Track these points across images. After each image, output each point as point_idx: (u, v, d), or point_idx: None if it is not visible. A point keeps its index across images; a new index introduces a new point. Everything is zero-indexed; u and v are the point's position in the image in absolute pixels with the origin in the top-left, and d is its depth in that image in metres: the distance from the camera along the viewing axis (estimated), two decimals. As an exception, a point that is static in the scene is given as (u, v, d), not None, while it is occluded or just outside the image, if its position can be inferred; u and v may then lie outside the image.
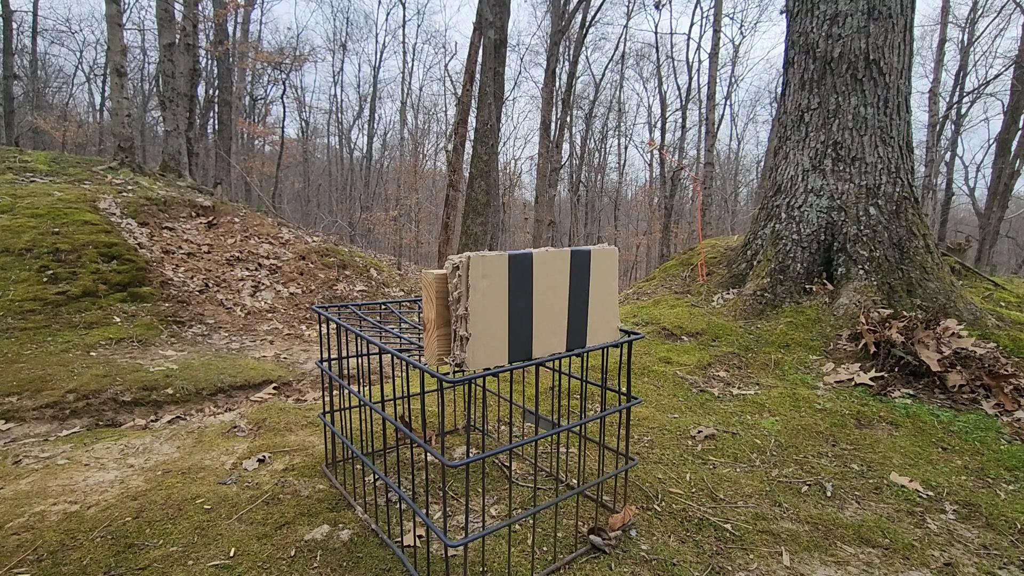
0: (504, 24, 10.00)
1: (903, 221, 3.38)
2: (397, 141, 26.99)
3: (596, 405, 2.37)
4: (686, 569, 1.36)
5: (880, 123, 3.44)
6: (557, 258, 1.26)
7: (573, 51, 18.19)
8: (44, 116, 18.62)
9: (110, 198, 5.72)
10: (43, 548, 1.39)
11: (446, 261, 1.14)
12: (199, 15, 10.78)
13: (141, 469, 1.87)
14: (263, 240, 6.66)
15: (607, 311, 1.37)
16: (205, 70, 16.67)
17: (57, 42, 23.32)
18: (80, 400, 2.92)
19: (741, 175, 30.99)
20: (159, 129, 15.08)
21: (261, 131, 21.60)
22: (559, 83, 17.45)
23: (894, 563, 1.42)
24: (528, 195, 30.35)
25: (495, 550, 1.41)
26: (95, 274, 4.45)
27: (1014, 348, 2.83)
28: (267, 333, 4.91)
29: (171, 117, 8.31)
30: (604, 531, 1.47)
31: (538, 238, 15.25)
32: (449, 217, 10.22)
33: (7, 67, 13.80)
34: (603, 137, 28.60)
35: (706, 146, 16.42)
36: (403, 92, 23.04)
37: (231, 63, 15.68)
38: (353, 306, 1.74)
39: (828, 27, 3.52)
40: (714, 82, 15.36)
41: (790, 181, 3.71)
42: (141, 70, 22.27)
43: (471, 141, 10.04)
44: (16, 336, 3.62)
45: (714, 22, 14.93)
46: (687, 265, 4.83)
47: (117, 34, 7.39)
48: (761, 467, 1.92)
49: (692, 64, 22.73)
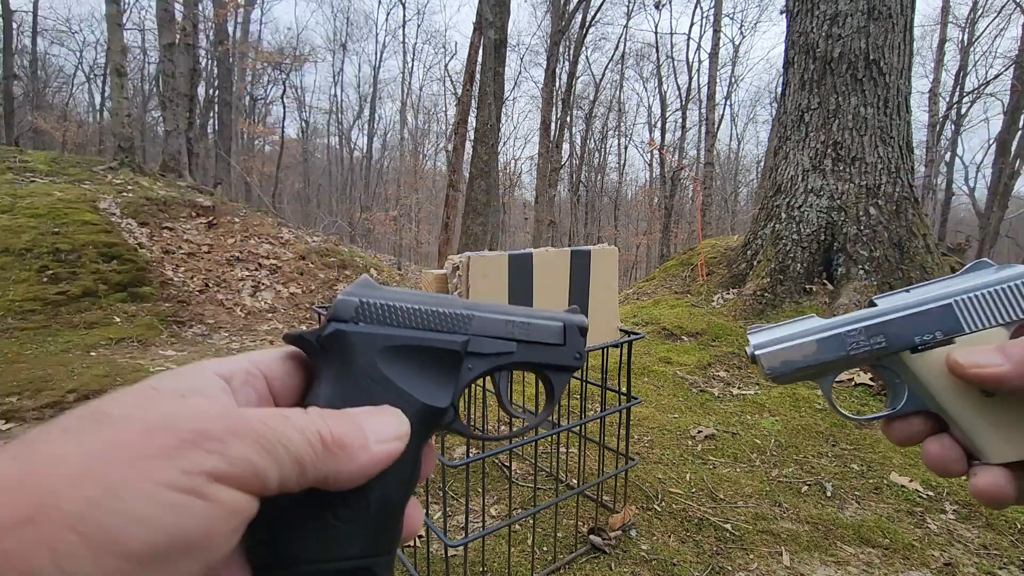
0: (504, 24, 10.01)
1: (903, 221, 3.38)
2: (397, 141, 27.02)
3: (596, 405, 2.37)
4: (686, 569, 1.36)
5: (880, 123, 3.44)
6: (557, 258, 1.26)
7: (573, 51, 18.20)
8: (44, 116, 18.63)
9: (110, 198, 5.72)
10: (43, 548, 1.39)
11: (446, 261, 1.14)
12: (199, 15, 10.79)
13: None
14: (263, 240, 6.67)
15: (607, 311, 1.37)
16: (205, 70, 16.68)
17: (57, 42, 23.31)
18: (80, 400, 2.92)
19: (741, 175, 31.01)
20: (159, 129, 15.09)
21: (261, 131, 21.62)
22: (559, 83, 17.47)
23: (894, 563, 1.42)
24: (528, 195, 30.36)
25: (495, 550, 1.41)
26: (95, 274, 4.45)
27: (1014, 348, 2.83)
28: (267, 333, 4.91)
29: (171, 117, 8.32)
30: (604, 531, 1.47)
31: (538, 238, 15.27)
32: (449, 217, 10.23)
33: (7, 67, 13.81)
34: (603, 137, 28.63)
35: (706, 146, 16.44)
36: (403, 92, 23.07)
37: (231, 63, 15.69)
38: (353, 306, 1.73)
39: (828, 27, 3.52)
40: (714, 82, 15.37)
41: (790, 181, 3.71)
42: (141, 70, 22.29)
43: (471, 141, 10.05)
44: (16, 336, 3.62)
45: (714, 22, 14.95)
46: (687, 265, 4.83)
47: (117, 34, 7.39)
48: (761, 467, 1.92)
49: (692, 64, 22.70)
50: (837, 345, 0.40)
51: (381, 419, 0.29)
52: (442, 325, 0.34)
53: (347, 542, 0.27)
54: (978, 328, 0.38)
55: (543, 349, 0.38)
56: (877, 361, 0.40)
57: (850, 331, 0.40)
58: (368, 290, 0.34)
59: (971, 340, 0.38)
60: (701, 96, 21.64)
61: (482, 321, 0.36)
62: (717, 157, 18.66)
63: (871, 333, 0.39)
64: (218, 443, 0.22)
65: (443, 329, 0.34)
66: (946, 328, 0.38)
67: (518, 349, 0.37)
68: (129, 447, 0.20)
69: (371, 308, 0.33)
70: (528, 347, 0.37)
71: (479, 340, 0.35)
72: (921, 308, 0.39)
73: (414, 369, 0.33)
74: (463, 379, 0.34)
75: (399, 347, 0.33)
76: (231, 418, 0.23)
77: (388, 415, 0.29)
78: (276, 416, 0.25)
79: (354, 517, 0.28)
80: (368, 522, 0.28)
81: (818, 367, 0.40)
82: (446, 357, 0.34)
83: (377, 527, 0.29)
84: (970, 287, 0.39)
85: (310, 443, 0.24)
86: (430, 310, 0.34)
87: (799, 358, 0.40)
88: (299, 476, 0.24)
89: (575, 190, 25.48)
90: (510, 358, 0.36)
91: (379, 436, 0.27)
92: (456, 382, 0.34)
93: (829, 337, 0.40)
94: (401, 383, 0.32)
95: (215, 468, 0.21)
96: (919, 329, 0.39)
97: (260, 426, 0.23)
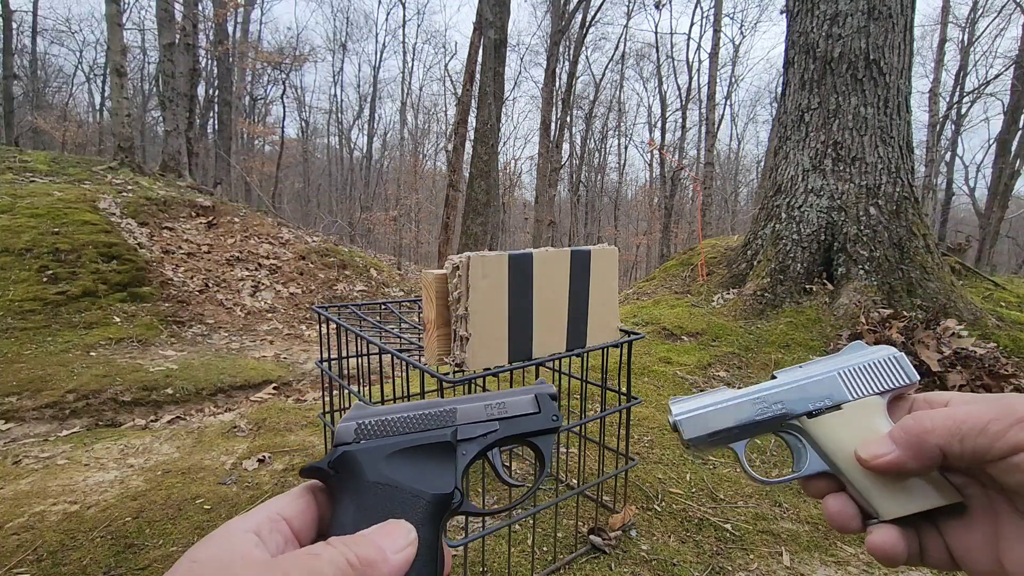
0: (504, 24, 10.00)
1: (903, 221, 3.38)
2: (397, 141, 27.01)
3: (596, 405, 2.36)
4: (686, 569, 1.36)
5: (880, 123, 3.44)
6: (557, 258, 1.26)
7: (573, 51, 18.19)
8: (44, 116, 18.62)
9: (110, 198, 5.72)
10: (43, 548, 1.39)
11: (446, 261, 1.14)
12: (199, 15, 10.79)
13: (141, 469, 1.87)
14: (263, 240, 6.66)
15: (607, 311, 1.37)
16: (205, 70, 16.67)
17: (57, 42, 23.33)
18: (80, 400, 2.92)
19: (741, 175, 31.01)
20: (159, 129, 15.09)
21: (261, 131, 21.61)
22: (559, 83, 17.46)
23: (894, 563, 1.41)
24: (528, 195, 30.37)
25: (495, 550, 1.41)
26: (95, 274, 4.45)
27: (1014, 348, 2.83)
28: (267, 333, 4.91)
29: (171, 117, 8.31)
30: (604, 531, 1.47)
31: (538, 238, 15.26)
32: (449, 217, 10.22)
33: (7, 67, 13.80)
34: (603, 137, 28.62)
35: (706, 146, 16.44)
36: (403, 92, 23.05)
37: (231, 63, 15.69)
38: (353, 306, 1.74)
39: (828, 27, 3.52)
40: (714, 82, 15.37)
41: (790, 181, 3.70)
42: (141, 70, 22.28)
43: (471, 141, 10.05)
44: (16, 336, 3.62)
45: (714, 22, 14.94)
46: (687, 265, 4.83)
47: (117, 34, 7.39)
48: (761, 467, 1.92)
49: (692, 64, 22.68)
50: (747, 411, 0.45)
51: (393, 532, 0.33)
52: (432, 424, 0.40)
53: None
54: (859, 396, 0.43)
55: (523, 420, 0.43)
56: (780, 427, 0.45)
57: (756, 399, 0.45)
58: (362, 412, 0.39)
59: (855, 405, 0.43)
60: (701, 96, 21.64)
61: (465, 411, 0.42)
62: (717, 157, 18.65)
63: (773, 401, 0.45)
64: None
65: (433, 427, 0.40)
66: (833, 397, 0.44)
67: (501, 426, 0.42)
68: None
69: (368, 427, 0.38)
70: (509, 422, 0.43)
71: (466, 427, 0.41)
72: (812, 379, 0.45)
73: (417, 467, 0.38)
74: (460, 464, 0.40)
75: (399, 452, 0.38)
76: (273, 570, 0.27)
77: (397, 527, 0.34)
78: (308, 557, 0.29)
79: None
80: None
81: (731, 431, 0.45)
82: (441, 449, 0.39)
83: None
84: (849, 361, 0.45)
85: (342, 571, 0.29)
86: (418, 415, 0.40)
87: (715, 424, 0.45)
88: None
89: (575, 190, 25.48)
90: (496, 435, 0.42)
91: (394, 548, 0.32)
92: (455, 468, 0.39)
93: (740, 403, 0.45)
94: (408, 482, 0.37)
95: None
96: (812, 397, 0.44)
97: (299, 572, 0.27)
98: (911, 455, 0.37)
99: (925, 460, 0.37)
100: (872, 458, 0.40)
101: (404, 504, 0.35)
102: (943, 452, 0.36)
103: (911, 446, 0.37)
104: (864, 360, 0.44)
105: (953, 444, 0.35)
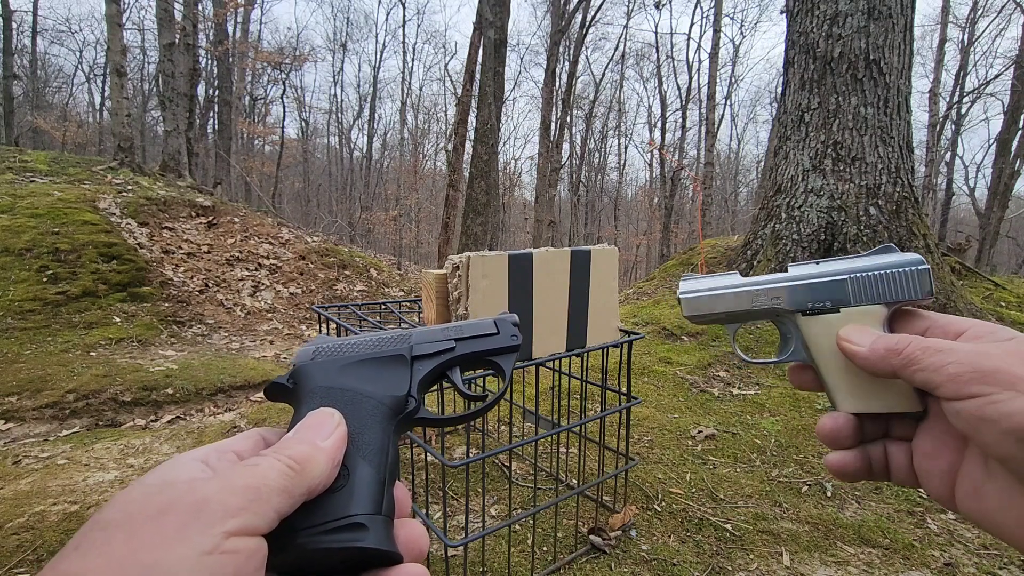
0: (504, 24, 10.00)
1: (903, 221, 3.37)
2: (397, 141, 27.00)
3: (596, 405, 2.36)
4: (686, 569, 1.36)
5: (880, 123, 3.44)
6: (557, 258, 1.26)
7: (573, 51, 18.19)
8: (44, 116, 18.61)
9: (110, 198, 5.71)
10: (43, 548, 1.39)
11: (446, 261, 1.14)
12: (199, 15, 10.79)
13: (141, 469, 1.86)
14: (263, 240, 6.66)
15: (607, 311, 1.37)
16: (205, 70, 16.67)
17: (57, 42, 23.32)
18: (80, 400, 2.92)
19: (741, 175, 31.00)
20: (159, 129, 15.07)
21: (261, 131, 21.60)
22: (559, 83, 17.46)
23: (894, 563, 1.42)
24: (528, 195, 30.34)
25: (495, 550, 1.41)
26: (95, 274, 4.45)
27: (1014, 348, 2.82)
28: (267, 333, 4.91)
29: (171, 117, 8.31)
30: (604, 531, 1.47)
31: (538, 238, 15.26)
32: (449, 217, 10.22)
33: (7, 67, 13.80)
34: (603, 137, 28.61)
35: (706, 146, 16.44)
36: (403, 92, 23.06)
37: (231, 63, 15.68)
38: (353, 306, 1.74)
39: (828, 27, 3.51)
40: (714, 82, 15.37)
41: (790, 181, 3.70)
42: (141, 70, 22.27)
43: (471, 141, 10.04)
44: (16, 336, 3.62)
45: (714, 22, 14.94)
46: (687, 265, 4.83)
47: (117, 34, 7.39)
48: (761, 467, 1.92)
49: (692, 64, 22.69)
50: (745, 300, 0.48)
51: (318, 421, 0.33)
52: (389, 344, 0.41)
53: (339, 507, 0.31)
54: (861, 303, 0.44)
55: (480, 340, 0.44)
56: (776, 316, 0.48)
57: (757, 291, 0.48)
58: (322, 339, 0.41)
59: (853, 311, 0.44)
60: (701, 96, 21.64)
61: (421, 333, 0.43)
62: (717, 157, 18.66)
63: (774, 295, 0.47)
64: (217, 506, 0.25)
65: (390, 347, 0.41)
66: (835, 299, 0.45)
67: (457, 344, 0.43)
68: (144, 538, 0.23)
69: (326, 350, 0.40)
70: (466, 342, 0.43)
71: (421, 345, 0.42)
72: (820, 279, 0.46)
73: (370, 375, 0.38)
74: (416, 376, 0.40)
75: (354, 363, 0.39)
76: (217, 481, 0.27)
77: (319, 415, 0.34)
78: (248, 468, 0.29)
79: (340, 487, 0.32)
80: (352, 490, 0.32)
81: (727, 315, 0.49)
82: (396, 361, 0.40)
83: (361, 493, 0.32)
84: (865, 267, 0.45)
85: (284, 474, 0.29)
86: (376, 338, 0.41)
87: (714, 307, 0.49)
88: (290, 501, 0.28)
89: (575, 190, 25.47)
90: (453, 353, 0.42)
91: (323, 435, 0.32)
92: (410, 378, 0.39)
93: (740, 292, 0.48)
94: (360, 385, 0.37)
95: (225, 528, 0.25)
96: (813, 297, 0.46)
97: (243, 480, 0.27)
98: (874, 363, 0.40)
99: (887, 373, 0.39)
100: (842, 338, 0.43)
101: (353, 404, 0.36)
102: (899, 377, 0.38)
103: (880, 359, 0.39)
104: (882, 268, 0.44)
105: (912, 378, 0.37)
